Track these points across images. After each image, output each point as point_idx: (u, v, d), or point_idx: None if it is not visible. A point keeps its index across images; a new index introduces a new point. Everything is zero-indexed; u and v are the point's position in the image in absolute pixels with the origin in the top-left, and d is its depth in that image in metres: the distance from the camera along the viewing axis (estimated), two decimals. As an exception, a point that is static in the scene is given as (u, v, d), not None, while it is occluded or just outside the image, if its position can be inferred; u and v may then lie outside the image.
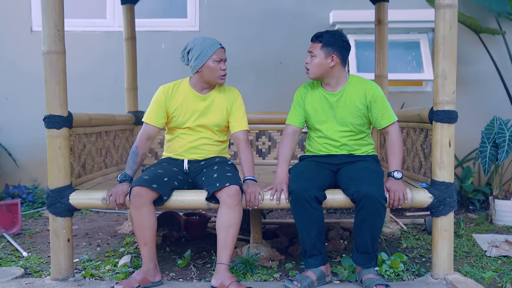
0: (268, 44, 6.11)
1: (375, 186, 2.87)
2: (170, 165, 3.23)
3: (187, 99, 3.23)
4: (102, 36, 6.17)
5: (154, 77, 5.88)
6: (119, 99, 5.51)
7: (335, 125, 3.19)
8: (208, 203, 3.03)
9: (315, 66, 3.12)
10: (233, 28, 6.10)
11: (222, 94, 3.28)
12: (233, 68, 6.02)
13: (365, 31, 5.96)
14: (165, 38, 6.12)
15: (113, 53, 6.06)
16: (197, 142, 3.25)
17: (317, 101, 3.22)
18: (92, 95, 6.10)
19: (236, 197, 2.92)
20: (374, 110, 3.15)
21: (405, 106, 5.88)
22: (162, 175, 3.05)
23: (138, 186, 2.91)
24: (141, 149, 3.19)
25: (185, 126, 3.24)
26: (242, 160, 3.17)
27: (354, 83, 3.20)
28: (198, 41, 3.14)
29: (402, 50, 5.95)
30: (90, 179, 3.61)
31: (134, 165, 3.15)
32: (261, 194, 3.03)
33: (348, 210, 5.62)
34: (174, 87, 3.27)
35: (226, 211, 2.92)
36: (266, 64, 6.11)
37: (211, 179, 3.04)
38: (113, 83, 6.08)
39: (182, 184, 3.15)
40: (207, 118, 3.23)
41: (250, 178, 3.12)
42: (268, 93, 6.07)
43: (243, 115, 3.28)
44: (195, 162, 3.26)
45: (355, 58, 5.86)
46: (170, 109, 3.23)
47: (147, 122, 3.23)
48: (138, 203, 2.91)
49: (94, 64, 6.15)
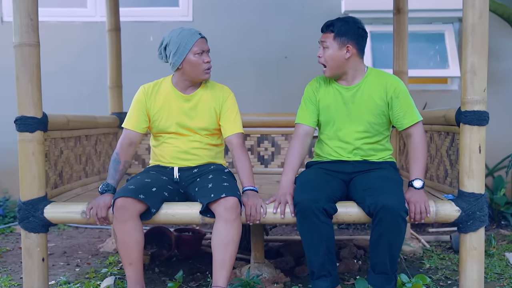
0: (272, 36, 6.12)
1: (394, 196, 2.85)
2: (158, 174, 3.23)
3: (169, 100, 3.23)
4: (82, 27, 6.18)
5: (141, 73, 5.88)
6: (102, 98, 5.51)
7: (349, 124, 3.17)
8: (202, 217, 3.02)
9: (330, 59, 3.10)
10: (232, 18, 6.11)
11: (210, 93, 3.27)
12: (231, 63, 6.05)
13: (382, 21, 5.96)
14: (154, 29, 6.13)
15: (95, 46, 6.07)
16: (186, 146, 3.24)
17: (330, 96, 3.21)
18: (71, 94, 6.11)
19: (234, 210, 2.90)
20: (396, 108, 3.14)
21: (428, 106, 5.87)
22: (149, 185, 3.04)
23: (123, 197, 2.90)
24: (122, 156, 3.18)
25: (170, 130, 3.23)
26: (239, 168, 3.15)
27: (374, 76, 3.19)
28: (174, 34, 3.14)
29: (424, 42, 5.96)
30: (68, 190, 3.61)
31: (116, 174, 3.14)
32: (263, 207, 3.01)
33: (362, 226, 5.61)
34: (154, 87, 3.27)
35: (223, 227, 2.90)
36: (269, 58, 6.11)
37: (206, 189, 3.02)
38: (95, 81, 6.08)
39: (172, 195, 3.15)
40: (193, 122, 3.22)
41: (250, 188, 3.09)
42: (271, 92, 6.07)
43: (235, 116, 3.26)
44: (186, 169, 3.25)
45: (371, 52, 5.87)
46: (151, 112, 3.23)
47: (127, 128, 3.24)
48: (122, 216, 2.89)
49: (73, 59, 6.16)
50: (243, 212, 2.99)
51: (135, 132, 3.22)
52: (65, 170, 3.58)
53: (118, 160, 3.16)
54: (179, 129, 3.22)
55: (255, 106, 5.61)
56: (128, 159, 3.20)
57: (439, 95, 6.03)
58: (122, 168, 3.17)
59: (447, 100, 5.93)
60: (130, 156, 3.22)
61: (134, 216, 2.92)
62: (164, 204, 3.05)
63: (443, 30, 5.99)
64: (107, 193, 3.06)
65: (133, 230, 2.92)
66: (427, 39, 5.98)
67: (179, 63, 3.13)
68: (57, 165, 3.45)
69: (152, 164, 3.36)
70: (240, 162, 3.16)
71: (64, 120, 3.49)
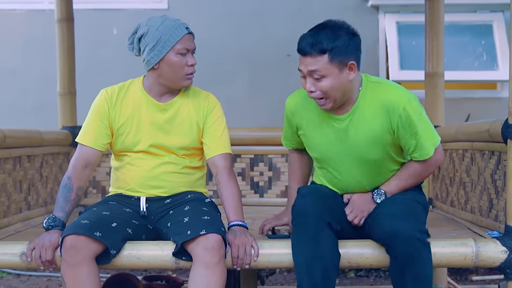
0: (270, 28, 6.19)
1: (409, 220, 2.89)
2: (120, 205, 3.21)
3: (139, 109, 3.22)
4: (25, 16, 6.25)
5: (101, 77, 5.93)
6: (50, 108, 5.56)
7: (348, 164, 3.15)
8: (176, 260, 3.01)
9: (331, 89, 2.94)
10: (218, 5, 6.17)
11: (191, 102, 3.26)
12: (217, 62, 6.08)
13: (411, 8, 6.04)
14: (119, 19, 6.20)
15: (42, 41, 6.13)
16: (157, 170, 3.23)
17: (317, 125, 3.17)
18: (10, 102, 6.16)
19: (217, 251, 2.87)
20: (403, 138, 3.06)
21: (472, 118, 5.93)
22: (108, 219, 3.02)
23: (73, 234, 2.87)
24: (76, 181, 3.18)
25: (137, 149, 3.23)
26: (225, 198, 3.15)
27: (371, 92, 3.08)
28: (155, 24, 3.11)
29: (466, 36, 6.02)
30: (5, 225, 3.62)
31: (66, 205, 3.14)
32: (255, 247, 3.01)
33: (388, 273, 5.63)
34: (120, 92, 3.26)
35: (202, 273, 2.87)
36: (267, 57, 6.17)
37: (181, 224, 3.00)
38: (41, 86, 6.13)
39: (138, 232, 3.13)
40: (169, 138, 3.22)
41: (237, 223, 3.08)
42: (269, 99, 6.12)
43: (222, 133, 3.26)
44: (156, 200, 3.24)
45: (397, 49, 5.93)
46: (115, 124, 3.22)
47: (83, 143, 3.22)
48: (73, 260, 2.88)
49: (13, 58, 6.22)
50: (228, 253, 2.96)
51: (93, 149, 3.21)
52: (1, 201, 3.60)
53: (70, 186, 3.16)
54: (149, 147, 3.21)
55: (248, 118, 5.66)
56: (82, 185, 3.21)
57: (486, 104, 6.08)
58: (75, 197, 3.17)
59: (496, 111, 5.97)
60: (85, 181, 3.24)
61: (88, 259, 2.90)
62: (127, 244, 3.03)
63: (490, 20, 6.05)
64: (54, 229, 3.05)
65: (86, 278, 2.89)
66: (470, 32, 6.04)
67: (156, 62, 3.11)
68: (-10, 193, 3.48)
69: (112, 192, 3.35)
70: (226, 190, 3.16)
71: (0, 136, 3.51)
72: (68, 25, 4.83)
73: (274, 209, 4.51)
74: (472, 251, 3.04)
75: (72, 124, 4.83)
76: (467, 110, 5.97)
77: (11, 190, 3.75)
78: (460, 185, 3.95)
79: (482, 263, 3.07)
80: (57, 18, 4.83)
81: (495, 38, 5.98)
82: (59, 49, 4.83)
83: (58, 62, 4.84)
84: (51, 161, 4.39)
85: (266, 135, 4.79)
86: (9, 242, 3.23)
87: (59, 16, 4.82)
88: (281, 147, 4.69)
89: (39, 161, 4.18)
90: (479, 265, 3.08)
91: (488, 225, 3.47)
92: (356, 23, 5.96)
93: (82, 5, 5.82)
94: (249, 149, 4.75)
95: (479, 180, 3.67)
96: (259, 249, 3.02)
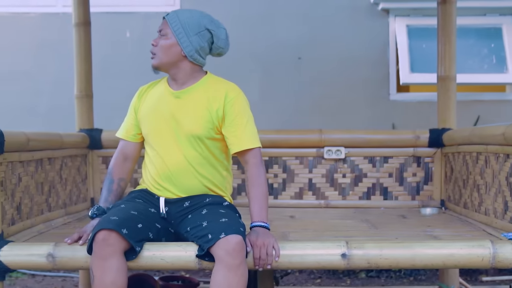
0: (281, 32, 6.23)
1: None
2: (146, 204, 3.23)
3: (159, 101, 3.27)
4: (39, 19, 6.28)
5: (114, 79, 5.97)
6: (61, 111, 5.61)
7: None
8: (199, 261, 3.03)
9: None
10: (230, 8, 6.22)
11: (206, 90, 3.25)
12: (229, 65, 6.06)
13: (421, 12, 6.06)
14: (131, 22, 6.24)
15: (55, 44, 6.17)
16: (172, 168, 3.24)
17: None
18: (23, 104, 6.21)
19: (238, 253, 2.88)
20: None
21: (481, 121, 5.96)
22: (136, 219, 3.04)
23: (105, 229, 2.90)
24: (116, 173, 3.32)
25: (154, 141, 3.26)
26: (249, 197, 3.16)
27: None
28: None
29: (475, 39, 6.05)
30: (28, 227, 3.65)
31: (109, 195, 3.26)
32: (276, 248, 3.02)
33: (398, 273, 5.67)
34: (150, 86, 3.38)
35: (224, 274, 2.88)
36: (278, 60, 6.21)
37: (200, 228, 3.02)
38: (54, 88, 6.17)
39: (159, 236, 3.16)
40: (180, 125, 3.21)
41: (259, 224, 3.10)
42: (280, 102, 6.17)
43: (246, 125, 3.24)
44: (174, 202, 3.25)
45: (408, 52, 5.97)
46: (138, 114, 3.33)
47: (118, 136, 3.40)
48: (103, 252, 2.90)
49: (26, 60, 6.26)
50: (250, 254, 2.97)
51: (126, 141, 3.36)
52: (24, 202, 3.63)
53: (111, 178, 3.31)
54: (165, 138, 3.22)
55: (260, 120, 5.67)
56: (124, 177, 3.34)
57: (495, 106, 6.11)
58: (117, 187, 3.30)
59: (505, 113, 6.02)
60: (127, 173, 3.36)
61: (118, 253, 2.92)
62: (152, 245, 3.05)
63: (500, 23, 6.08)
64: (98, 217, 3.15)
65: (115, 270, 2.91)
66: (480, 35, 6.07)
67: None
68: (14, 195, 3.48)
69: (139, 187, 3.39)
70: (253, 188, 3.16)
71: (23, 139, 3.54)
72: (85, 29, 4.85)
73: (288, 210, 4.58)
74: (490, 252, 3.07)
75: (89, 126, 4.85)
76: (477, 112, 6.01)
77: (34, 192, 3.79)
78: (474, 187, 3.99)
79: (499, 264, 3.10)
80: (75, 22, 4.85)
81: (505, 41, 6.01)
82: (77, 53, 4.85)
83: (75, 65, 4.86)
84: (69, 163, 4.43)
85: (281, 137, 4.81)
86: (35, 243, 3.28)
87: (76, 20, 4.84)
88: (296, 149, 4.78)
89: (58, 163, 4.22)
90: (496, 266, 3.11)
91: (503, 227, 3.50)
92: (366, 26, 6.11)
93: (95, 8, 5.82)
94: (264, 151, 4.67)
95: (493, 183, 3.71)
96: (280, 250, 3.02)
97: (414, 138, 4.73)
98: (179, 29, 3.17)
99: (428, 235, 3.59)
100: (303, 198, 4.82)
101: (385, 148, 4.78)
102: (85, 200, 4.71)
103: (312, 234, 3.74)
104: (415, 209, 4.67)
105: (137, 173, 4.36)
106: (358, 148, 4.78)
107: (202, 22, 3.20)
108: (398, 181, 4.78)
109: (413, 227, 3.91)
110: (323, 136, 4.75)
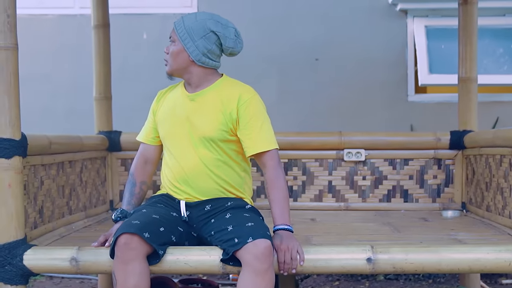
0: (298, 33, 6.22)
1: None
2: (167, 208, 3.23)
3: (175, 104, 3.29)
4: (56, 21, 6.30)
5: (131, 81, 5.96)
6: (79, 113, 5.63)
7: None
8: (223, 265, 3.01)
9: None
10: (247, 10, 6.22)
11: (220, 92, 3.24)
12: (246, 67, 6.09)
13: (440, 12, 6.04)
14: (148, 24, 6.24)
15: (72, 46, 6.18)
16: (188, 170, 3.22)
17: None
18: (41, 106, 6.22)
19: (266, 257, 2.87)
20: None
21: (500, 123, 5.93)
22: (158, 223, 3.03)
23: (127, 233, 2.89)
24: (138, 176, 3.37)
25: (171, 144, 3.26)
26: (270, 200, 3.14)
27: None
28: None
29: (495, 40, 6.03)
30: (50, 231, 3.66)
31: (132, 199, 3.31)
32: (300, 252, 3.01)
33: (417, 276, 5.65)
34: (168, 90, 3.41)
35: (252, 279, 2.86)
36: (295, 61, 6.20)
37: (225, 232, 3.00)
38: (72, 90, 6.18)
39: (181, 239, 3.15)
40: (194, 127, 3.21)
41: (283, 227, 3.07)
42: (297, 104, 6.15)
43: (261, 127, 3.20)
44: (195, 206, 3.24)
45: (426, 53, 5.94)
46: (156, 117, 3.36)
47: (138, 139, 3.43)
48: (126, 256, 2.90)
49: (44, 63, 6.27)
50: (274, 258, 2.95)
51: (147, 145, 3.40)
52: (46, 206, 3.65)
53: (133, 181, 3.36)
54: (181, 141, 3.23)
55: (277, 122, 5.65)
56: (145, 180, 3.38)
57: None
58: (139, 190, 3.35)
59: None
60: (148, 176, 3.40)
61: (141, 257, 2.93)
62: (175, 249, 3.05)
63: (519, 24, 6.07)
64: (121, 220, 3.18)
65: (138, 273, 2.91)
66: (499, 35, 6.04)
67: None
68: (37, 199, 3.51)
69: (160, 192, 3.39)
70: (273, 190, 3.13)
71: (46, 142, 3.57)
72: (104, 31, 4.89)
73: (308, 213, 4.57)
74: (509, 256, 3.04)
75: (108, 129, 4.87)
76: (496, 113, 5.98)
77: (55, 195, 3.80)
78: (498, 190, 3.96)
79: (519, 267, 3.08)
80: (94, 24, 4.88)
81: (524, 41, 6.00)
82: (96, 55, 4.88)
83: (94, 67, 4.89)
84: (89, 166, 4.44)
85: (301, 139, 4.81)
86: (57, 247, 3.29)
87: (95, 22, 4.87)
88: (315, 151, 4.77)
89: (79, 166, 4.23)
90: (514, 270, 3.10)
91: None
92: (384, 27, 6.09)
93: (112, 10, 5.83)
94: (283, 153, 4.71)
95: (521, 187, 3.70)
96: (304, 254, 3.01)
97: (435, 140, 4.71)
98: (184, 34, 3.17)
99: (453, 239, 3.57)
100: (323, 200, 4.82)
101: (405, 150, 4.76)
102: (104, 202, 4.72)
103: (335, 238, 3.75)
104: (435, 211, 4.67)
105: (156, 175, 4.35)
106: (378, 150, 4.78)
107: (206, 25, 3.17)
108: (419, 184, 4.76)
109: (436, 230, 3.89)
110: (343, 138, 4.74)
